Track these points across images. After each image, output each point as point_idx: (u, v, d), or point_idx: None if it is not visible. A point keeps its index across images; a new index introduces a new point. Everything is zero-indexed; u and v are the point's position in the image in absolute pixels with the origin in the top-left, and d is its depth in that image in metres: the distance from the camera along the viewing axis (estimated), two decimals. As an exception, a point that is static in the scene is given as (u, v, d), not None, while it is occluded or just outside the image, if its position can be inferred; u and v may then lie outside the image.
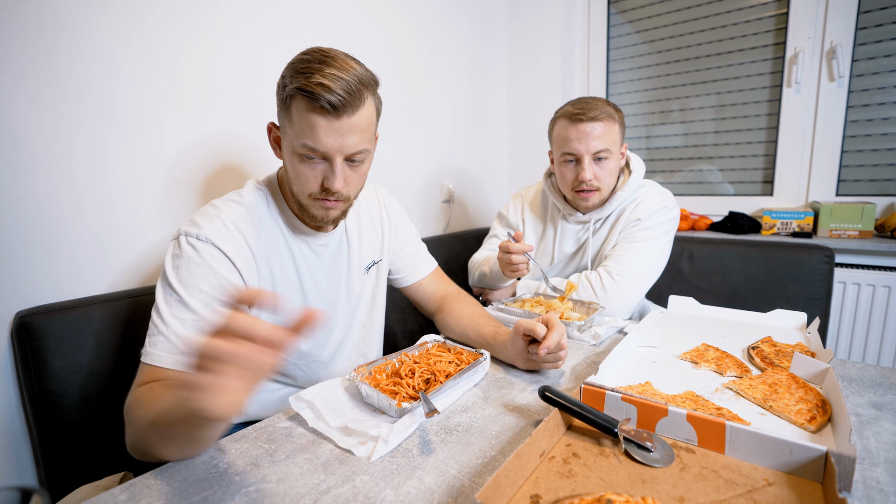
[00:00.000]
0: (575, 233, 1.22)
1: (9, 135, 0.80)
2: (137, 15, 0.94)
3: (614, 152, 1.11)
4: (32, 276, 0.84)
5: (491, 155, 2.11)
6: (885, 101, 1.54)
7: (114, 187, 0.94)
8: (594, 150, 1.08)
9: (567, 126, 1.10)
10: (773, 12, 1.68)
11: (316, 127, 0.66)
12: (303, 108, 0.66)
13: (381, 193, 0.99)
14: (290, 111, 0.68)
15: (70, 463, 0.81)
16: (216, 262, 0.69)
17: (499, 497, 0.44)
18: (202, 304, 0.67)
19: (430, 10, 1.70)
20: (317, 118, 0.66)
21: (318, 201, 0.73)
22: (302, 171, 0.70)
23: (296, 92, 0.65)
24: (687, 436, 0.54)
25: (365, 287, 0.92)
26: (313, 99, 0.64)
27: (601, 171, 1.11)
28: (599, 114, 1.07)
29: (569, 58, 2.06)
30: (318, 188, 0.72)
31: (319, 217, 0.76)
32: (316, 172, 0.71)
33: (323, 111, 0.65)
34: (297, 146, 0.68)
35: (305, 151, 0.68)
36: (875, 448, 0.53)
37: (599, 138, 1.07)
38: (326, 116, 0.65)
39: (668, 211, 1.14)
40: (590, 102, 1.09)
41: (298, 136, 0.67)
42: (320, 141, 0.67)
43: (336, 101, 0.64)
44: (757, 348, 0.79)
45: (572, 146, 1.09)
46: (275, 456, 0.56)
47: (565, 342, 0.73)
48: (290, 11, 1.22)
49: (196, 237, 0.69)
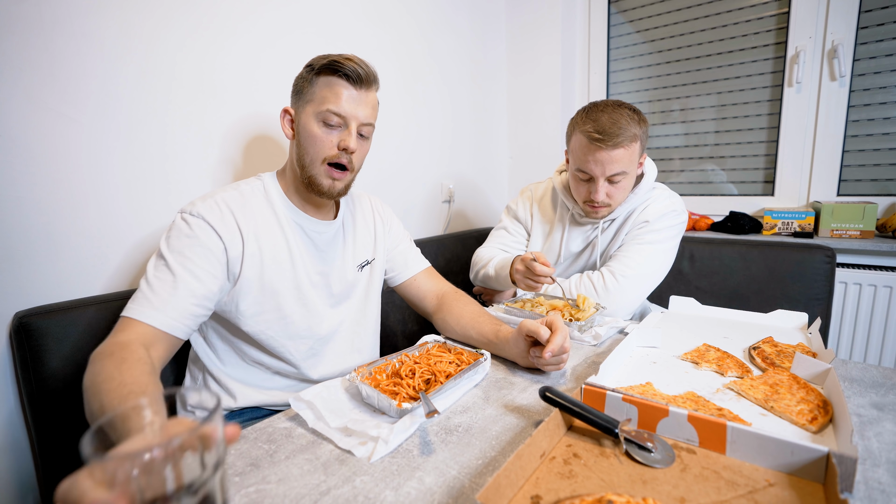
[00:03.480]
0: (583, 232, 1.21)
1: (8, 135, 0.80)
2: (138, 15, 0.94)
3: (630, 171, 1.07)
4: (32, 277, 0.84)
5: (491, 155, 2.11)
6: (886, 100, 1.54)
7: (114, 187, 0.94)
8: (610, 173, 1.05)
9: (585, 146, 1.04)
10: (774, 12, 1.68)
11: (339, 94, 0.79)
12: (330, 78, 0.79)
13: (375, 202, 1.04)
14: (314, 87, 0.80)
15: (70, 463, 0.81)
16: (203, 234, 0.75)
17: (499, 497, 0.44)
18: (185, 270, 0.72)
19: (430, 10, 1.70)
20: (341, 86, 0.79)
21: (329, 168, 0.82)
22: (320, 136, 0.80)
23: (324, 68, 0.78)
24: (688, 436, 0.54)
25: (357, 283, 0.95)
26: (341, 69, 0.78)
27: (615, 189, 1.08)
28: (622, 139, 1.01)
29: (569, 58, 2.06)
30: (333, 151, 0.81)
31: (326, 187, 0.83)
32: (332, 137, 0.81)
33: (348, 80, 0.79)
34: (320, 113, 0.79)
35: (327, 116, 0.79)
36: (877, 449, 0.53)
37: (617, 163, 1.03)
38: (350, 85, 0.79)
39: (677, 215, 1.13)
40: (614, 123, 1.01)
41: (322, 104, 0.79)
42: (342, 106, 0.79)
43: (361, 72, 0.79)
44: (758, 349, 0.79)
45: (588, 167, 1.06)
46: (275, 456, 0.56)
47: (568, 345, 0.74)
48: (290, 12, 1.22)
49: (189, 213, 0.76)
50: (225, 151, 1.12)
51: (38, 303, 0.83)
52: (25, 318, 0.78)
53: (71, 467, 0.81)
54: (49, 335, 0.79)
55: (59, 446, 0.80)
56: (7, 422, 0.84)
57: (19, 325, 0.78)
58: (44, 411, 0.79)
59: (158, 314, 0.69)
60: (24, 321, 0.78)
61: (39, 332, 0.79)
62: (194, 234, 0.74)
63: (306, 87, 0.81)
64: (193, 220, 0.75)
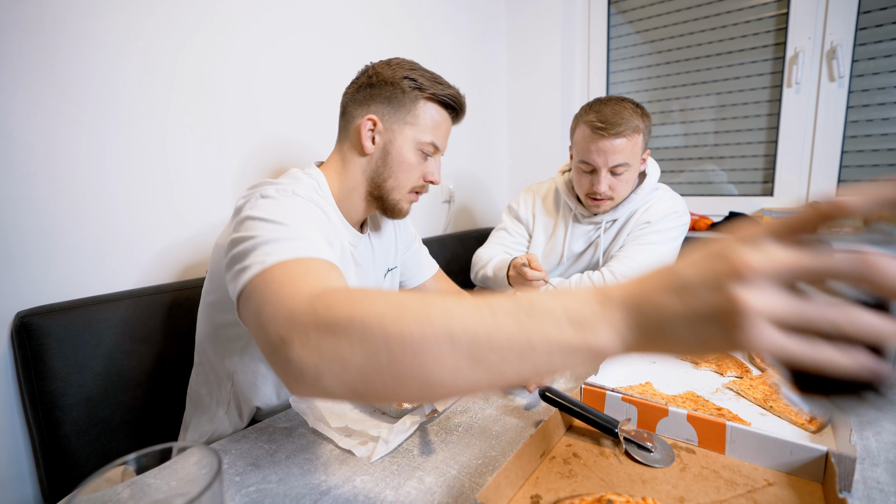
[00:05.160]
0: (585, 232, 1.22)
1: (8, 135, 0.80)
2: (138, 15, 0.94)
3: (633, 164, 1.08)
4: (32, 277, 0.84)
5: (491, 155, 2.11)
6: (885, 101, 1.54)
7: (114, 187, 0.94)
8: (612, 163, 1.06)
9: (588, 136, 1.06)
10: (773, 12, 1.68)
11: (444, 129, 0.80)
12: (442, 111, 0.79)
13: None
14: (418, 110, 0.77)
15: (70, 463, 0.81)
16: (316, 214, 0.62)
17: (499, 497, 0.44)
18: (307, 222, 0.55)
19: (430, 10, 1.70)
20: (445, 120, 0.80)
21: (411, 195, 0.82)
22: (415, 166, 0.79)
23: (436, 97, 0.77)
24: (687, 436, 0.54)
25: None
26: (453, 108, 0.80)
27: (617, 182, 1.09)
28: (624, 129, 1.02)
29: (569, 58, 2.06)
30: (421, 181, 0.81)
31: (405, 211, 0.83)
32: (423, 168, 0.81)
33: (455, 117, 0.82)
34: (422, 143, 0.78)
35: (427, 148, 0.79)
36: (875, 448, 0.53)
37: (620, 153, 1.04)
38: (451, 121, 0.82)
39: (679, 217, 1.13)
40: (617, 113, 1.03)
41: (426, 134, 0.78)
42: (444, 142, 0.82)
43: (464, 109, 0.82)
44: (757, 348, 0.79)
45: (591, 157, 1.07)
46: (275, 456, 0.56)
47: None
48: (290, 12, 1.22)
49: (293, 192, 0.61)
50: (225, 151, 1.12)
51: (39, 303, 0.83)
52: (26, 318, 0.78)
53: (71, 468, 0.81)
54: (50, 335, 0.79)
55: (60, 446, 0.80)
56: (8, 421, 0.84)
57: (20, 324, 0.78)
58: (45, 411, 0.79)
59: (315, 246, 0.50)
60: (25, 321, 0.78)
61: (40, 332, 0.79)
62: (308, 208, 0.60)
63: (407, 105, 0.75)
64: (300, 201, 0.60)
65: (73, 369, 0.81)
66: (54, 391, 0.79)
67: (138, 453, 0.36)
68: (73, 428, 0.81)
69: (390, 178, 0.78)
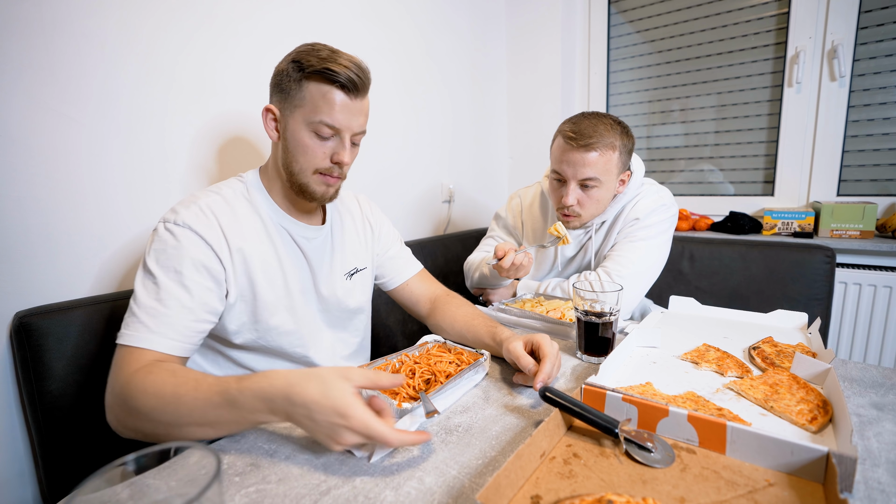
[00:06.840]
0: (575, 236, 1.22)
1: (8, 134, 0.80)
2: (138, 15, 0.94)
3: (606, 182, 1.06)
4: (32, 277, 0.84)
5: (491, 155, 2.11)
6: (886, 100, 1.54)
7: (114, 187, 0.94)
8: (581, 176, 1.04)
9: (561, 145, 1.06)
10: (774, 12, 1.68)
11: (333, 104, 0.73)
12: (323, 86, 0.73)
13: (363, 201, 1.01)
14: (303, 91, 0.74)
15: (70, 463, 0.81)
16: (192, 245, 0.70)
17: (499, 497, 0.44)
18: (178, 286, 0.68)
19: (430, 10, 1.70)
20: (336, 96, 0.73)
21: (321, 177, 0.79)
22: (311, 147, 0.76)
23: (316, 73, 0.72)
24: (688, 436, 0.54)
25: (346, 292, 0.91)
26: (336, 77, 0.72)
27: (586, 198, 1.07)
28: (596, 142, 1.01)
29: (569, 58, 2.06)
30: (326, 163, 0.78)
31: (319, 193, 0.80)
32: (325, 148, 0.77)
33: (343, 89, 0.73)
34: (312, 123, 0.74)
35: (320, 128, 0.75)
36: (876, 449, 0.53)
37: (590, 166, 1.03)
38: (344, 95, 0.74)
39: (666, 209, 1.13)
40: (593, 126, 1.02)
41: (314, 114, 0.74)
42: (336, 117, 0.74)
43: (357, 80, 0.74)
44: (758, 349, 0.79)
45: (561, 167, 1.06)
46: (275, 456, 0.56)
47: (559, 364, 0.72)
48: (290, 13, 1.22)
49: (174, 223, 0.71)
50: (225, 151, 1.12)
51: (38, 303, 0.83)
52: (26, 318, 0.78)
53: (71, 467, 0.81)
54: (49, 335, 0.79)
55: (60, 446, 0.80)
56: (7, 422, 0.84)
57: (20, 325, 0.78)
58: (44, 411, 0.79)
59: (159, 338, 0.65)
60: (25, 321, 0.78)
61: (40, 332, 0.79)
62: (182, 247, 0.69)
63: (293, 89, 0.74)
64: (179, 230, 0.70)
65: (73, 369, 0.81)
66: (54, 391, 0.79)
67: (137, 453, 0.38)
68: (72, 428, 0.81)
69: (293, 162, 0.78)
